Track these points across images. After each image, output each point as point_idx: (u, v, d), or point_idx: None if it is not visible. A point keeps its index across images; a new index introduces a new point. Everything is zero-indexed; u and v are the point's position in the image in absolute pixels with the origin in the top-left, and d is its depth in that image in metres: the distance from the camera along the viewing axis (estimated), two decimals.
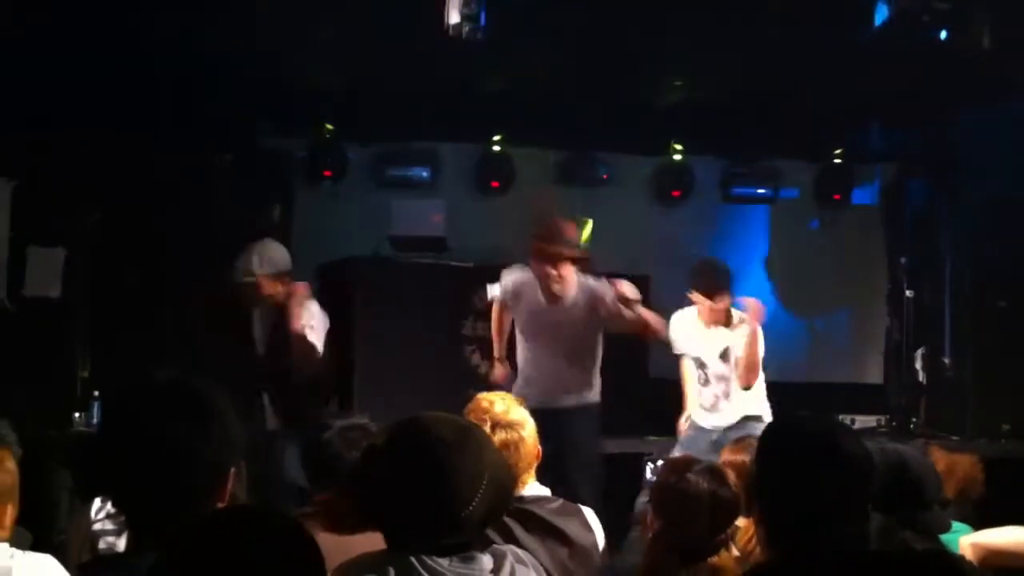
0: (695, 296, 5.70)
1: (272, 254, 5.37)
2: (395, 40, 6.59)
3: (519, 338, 5.43)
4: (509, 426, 2.86)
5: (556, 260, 5.20)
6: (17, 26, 6.11)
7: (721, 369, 5.74)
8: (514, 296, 5.35)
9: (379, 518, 2.07)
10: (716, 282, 5.68)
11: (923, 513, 2.84)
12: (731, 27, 6.45)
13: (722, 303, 5.65)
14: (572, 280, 5.25)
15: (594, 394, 5.37)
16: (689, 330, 5.80)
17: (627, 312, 5.26)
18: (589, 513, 3.02)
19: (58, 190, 6.91)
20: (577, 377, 5.33)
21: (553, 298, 5.28)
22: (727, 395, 5.75)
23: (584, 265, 5.50)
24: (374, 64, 7.10)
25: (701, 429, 5.80)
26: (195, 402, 1.90)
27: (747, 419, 5.68)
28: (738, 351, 5.67)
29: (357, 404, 6.33)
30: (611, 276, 5.49)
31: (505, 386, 5.40)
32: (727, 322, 5.72)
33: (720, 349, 5.73)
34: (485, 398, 2.99)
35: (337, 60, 7.14)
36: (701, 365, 5.79)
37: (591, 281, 5.40)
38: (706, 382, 5.79)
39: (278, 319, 5.36)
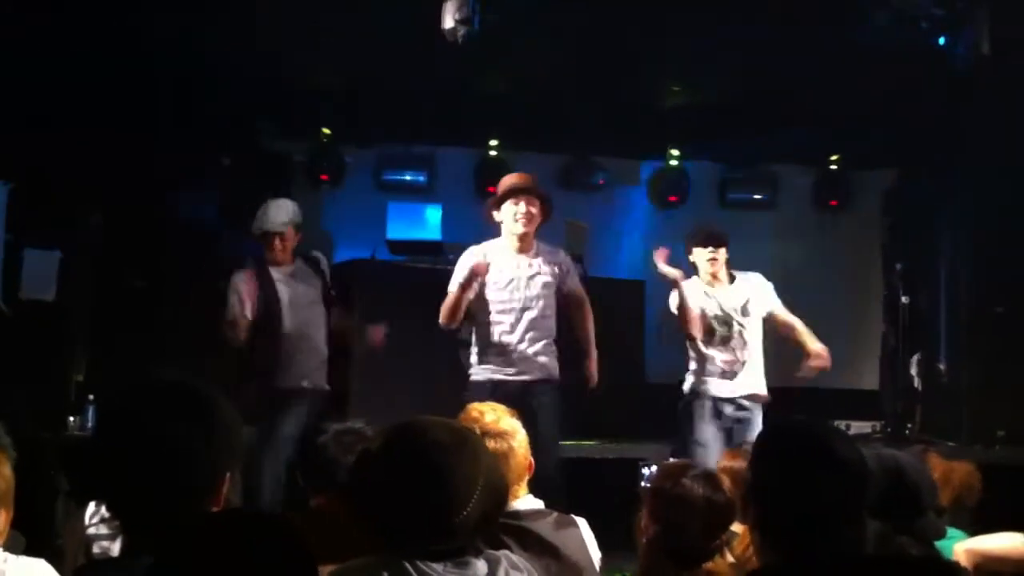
0: (695, 254, 5.67)
1: (292, 207, 5.65)
2: (394, 41, 6.60)
3: (484, 314, 5.31)
4: (499, 436, 2.84)
5: (522, 192, 5.24)
6: (17, 26, 6.11)
7: (742, 327, 5.63)
8: (484, 265, 5.22)
9: (374, 522, 2.06)
10: (715, 233, 5.71)
11: (919, 519, 2.84)
12: (730, 28, 6.47)
13: (721, 253, 5.63)
14: (536, 216, 5.26)
15: (556, 370, 5.32)
16: (703, 291, 5.69)
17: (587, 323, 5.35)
18: (584, 526, 3.01)
19: (57, 191, 6.89)
20: (541, 350, 5.27)
21: (523, 243, 5.27)
22: (744, 349, 5.62)
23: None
24: (373, 65, 7.11)
25: (717, 399, 5.59)
26: (193, 401, 1.89)
27: (754, 398, 5.62)
28: (756, 302, 5.66)
29: (353, 406, 6.32)
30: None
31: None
32: (730, 281, 5.71)
33: (741, 302, 5.65)
34: (476, 408, 2.97)
35: (336, 61, 7.16)
36: (725, 322, 5.63)
37: (561, 254, 5.42)
38: (725, 343, 5.61)
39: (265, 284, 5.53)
